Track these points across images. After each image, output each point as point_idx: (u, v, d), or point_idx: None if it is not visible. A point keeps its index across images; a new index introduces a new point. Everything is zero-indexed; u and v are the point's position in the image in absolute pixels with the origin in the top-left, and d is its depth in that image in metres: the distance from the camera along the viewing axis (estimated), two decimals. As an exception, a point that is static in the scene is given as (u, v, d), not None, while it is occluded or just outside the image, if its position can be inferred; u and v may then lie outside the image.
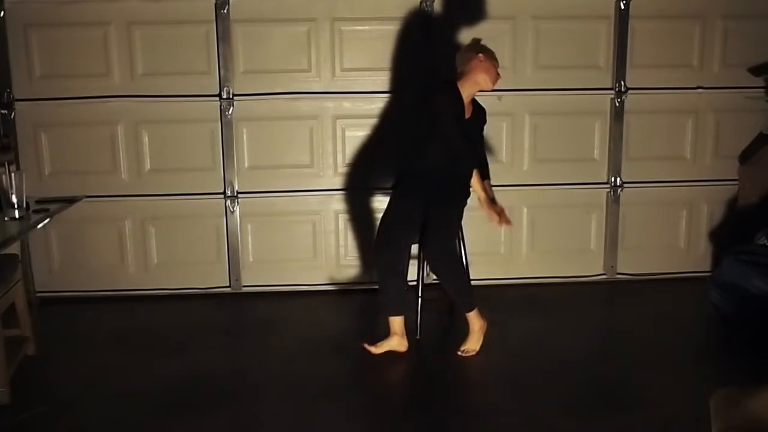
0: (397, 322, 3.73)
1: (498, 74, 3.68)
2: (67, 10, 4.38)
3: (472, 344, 3.73)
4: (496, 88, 4.51)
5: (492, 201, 3.70)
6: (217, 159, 4.60)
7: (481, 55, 3.62)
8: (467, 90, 3.65)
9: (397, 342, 3.73)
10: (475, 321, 3.74)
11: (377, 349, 3.72)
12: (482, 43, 3.72)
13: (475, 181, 3.71)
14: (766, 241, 4.08)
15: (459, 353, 3.71)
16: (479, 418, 3.14)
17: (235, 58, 4.50)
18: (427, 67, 4.50)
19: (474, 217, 4.09)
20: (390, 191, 3.92)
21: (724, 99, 4.76)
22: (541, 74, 4.64)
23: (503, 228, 3.84)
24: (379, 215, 4.54)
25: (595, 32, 4.65)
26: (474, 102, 3.80)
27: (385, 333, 3.77)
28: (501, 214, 3.65)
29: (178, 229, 4.65)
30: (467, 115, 3.70)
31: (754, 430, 1.90)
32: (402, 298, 3.73)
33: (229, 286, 4.73)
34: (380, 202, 4.60)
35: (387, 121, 4.60)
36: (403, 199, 3.73)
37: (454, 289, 3.74)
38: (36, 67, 4.44)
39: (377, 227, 3.83)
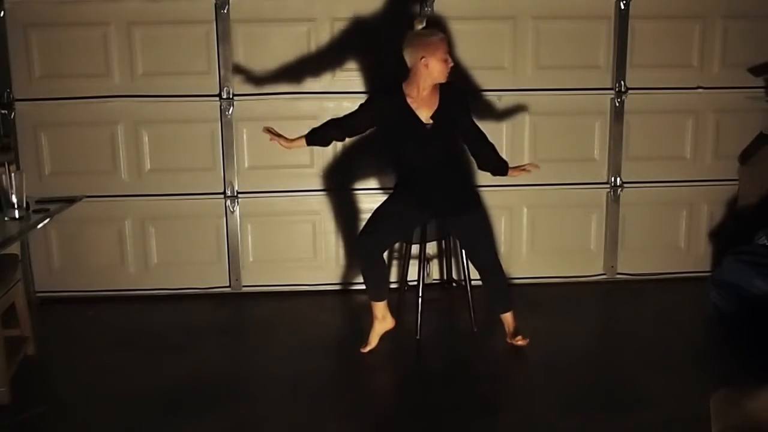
0: (377, 307, 3.74)
1: (447, 61, 3.41)
2: (67, 10, 4.38)
3: (521, 335, 3.79)
4: (496, 88, 4.58)
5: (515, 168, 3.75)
6: (217, 159, 4.60)
7: (423, 58, 3.38)
8: (416, 90, 3.48)
9: (380, 326, 3.76)
10: (512, 319, 3.81)
11: (370, 345, 3.75)
12: (424, 29, 3.46)
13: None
14: (766, 241, 4.07)
15: (517, 342, 3.77)
16: (479, 418, 3.14)
17: (235, 58, 4.50)
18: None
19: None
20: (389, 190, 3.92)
21: (724, 99, 4.76)
22: (541, 74, 4.64)
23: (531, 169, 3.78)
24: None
25: (595, 32, 4.64)
26: (442, 90, 3.53)
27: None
28: (525, 167, 3.74)
29: (178, 229, 4.65)
30: (430, 113, 3.50)
31: (754, 430, 1.90)
32: (383, 285, 3.74)
33: (229, 286, 4.73)
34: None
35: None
36: (402, 198, 3.73)
37: (504, 288, 3.82)
38: (36, 67, 4.43)
39: (369, 217, 3.79)
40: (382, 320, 3.75)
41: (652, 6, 4.62)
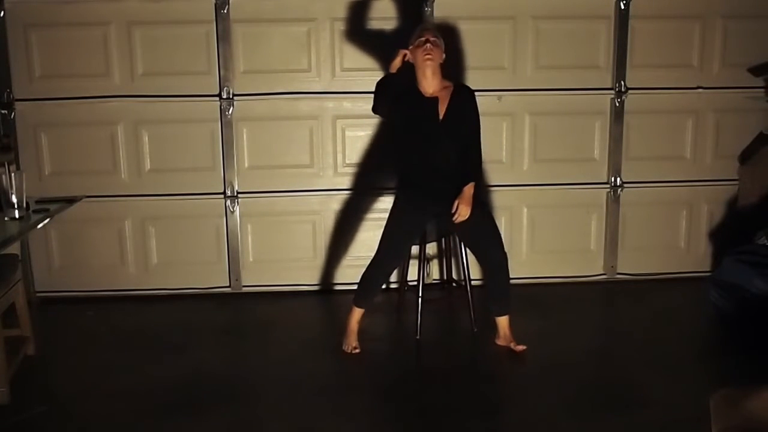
0: (359, 313, 3.80)
1: (426, 50, 3.52)
2: (67, 10, 4.38)
3: (515, 341, 3.78)
4: (496, 88, 4.57)
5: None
6: (217, 159, 4.60)
7: (406, 54, 3.62)
8: (422, 87, 3.61)
9: (355, 328, 3.80)
10: (507, 324, 3.80)
11: (357, 347, 3.78)
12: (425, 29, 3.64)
13: None
14: (766, 241, 4.07)
15: (517, 350, 3.74)
16: (479, 418, 3.14)
17: (235, 58, 4.50)
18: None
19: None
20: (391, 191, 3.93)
21: (724, 99, 4.76)
22: (541, 74, 4.64)
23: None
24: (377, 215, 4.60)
25: (595, 32, 4.65)
26: (456, 88, 3.63)
27: (381, 330, 3.81)
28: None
29: (178, 229, 4.65)
30: (442, 111, 3.56)
31: (754, 430, 1.90)
32: (375, 297, 3.86)
33: (229, 286, 4.73)
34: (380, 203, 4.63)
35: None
36: (406, 208, 3.73)
37: (506, 289, 3.78)
38: (36, 67, 4.44)
39: (381, 236, 3.76)
40: (358, 323, 3.82)
41: (652, 6, 4.62)
